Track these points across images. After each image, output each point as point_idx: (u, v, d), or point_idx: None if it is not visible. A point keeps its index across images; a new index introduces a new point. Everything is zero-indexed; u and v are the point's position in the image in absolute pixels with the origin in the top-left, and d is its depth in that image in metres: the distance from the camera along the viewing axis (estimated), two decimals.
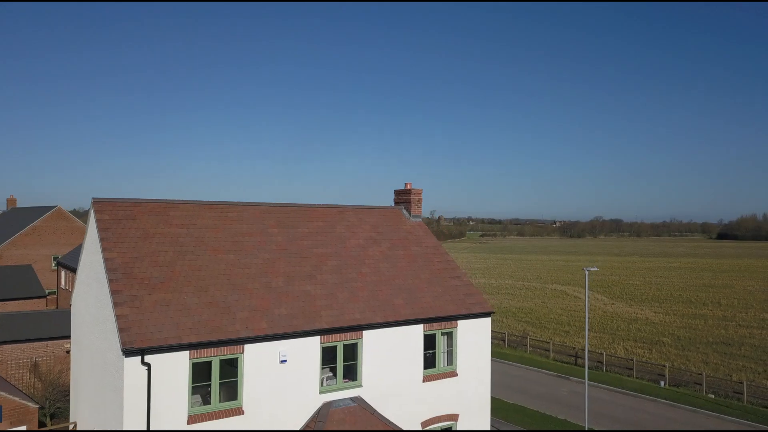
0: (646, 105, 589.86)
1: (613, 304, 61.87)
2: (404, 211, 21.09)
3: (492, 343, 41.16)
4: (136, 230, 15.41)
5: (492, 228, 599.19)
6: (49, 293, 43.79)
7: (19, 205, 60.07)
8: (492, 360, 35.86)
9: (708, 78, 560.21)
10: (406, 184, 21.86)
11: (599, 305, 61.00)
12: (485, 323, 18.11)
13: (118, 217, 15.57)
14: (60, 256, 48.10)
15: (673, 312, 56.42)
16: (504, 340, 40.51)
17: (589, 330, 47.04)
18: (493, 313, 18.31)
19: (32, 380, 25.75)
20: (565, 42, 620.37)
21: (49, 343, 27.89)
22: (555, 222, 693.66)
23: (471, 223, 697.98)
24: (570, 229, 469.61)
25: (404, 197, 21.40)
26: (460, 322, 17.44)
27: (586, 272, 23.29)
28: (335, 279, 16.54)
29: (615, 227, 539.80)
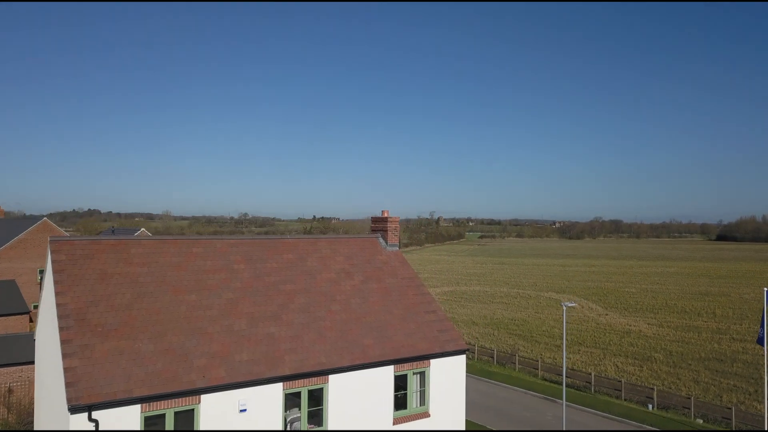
0: (646, 105, 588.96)
1: (607, 314, 61.34)
2: (381, 240, 20.55)
3: (481, 360, 40.77)
4: (93, 271, 14.88)
5: (491, 229, 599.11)
6: (35, 306, 43.30)
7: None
8: (479, 380, 35.51)
9: (708, 78, 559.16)
10: (383, 212, 21.33)
11: (593, 316, 60.48)
12: (459, 361, 17.57)
13: (76, 257, 15.03)
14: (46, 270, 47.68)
15: (667, 324, 55.90)
16: (493, 357, 39.96)
17: (580, 344, 46.59)
18: (468, 350, 17.78)
19: (3, 411, 25.24)
20: (565, 42, 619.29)
21: (24, 367, 27.41)
22: (555, 223, 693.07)
23: (470, 224, 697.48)
24: (569, 230, 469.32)
25: (381, 225, 20.87)
26: (433, 361, 16.90)
27: (564, 308, 22.75)
28: (302, 318, 16.00)
29: (614, 228, 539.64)
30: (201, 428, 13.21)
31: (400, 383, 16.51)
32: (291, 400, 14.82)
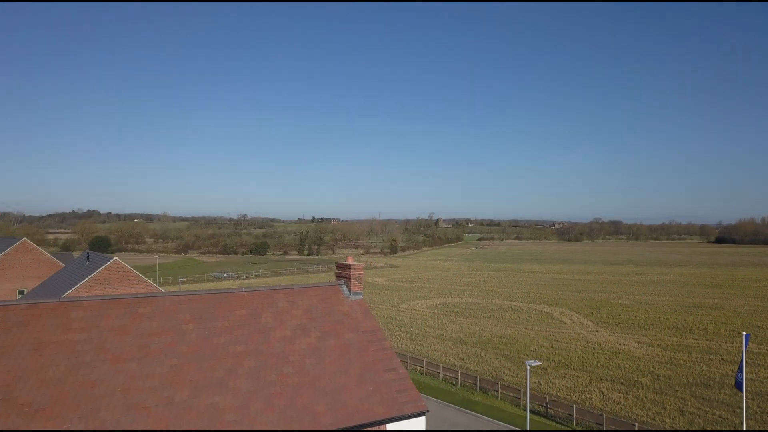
0: (646, 105, 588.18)
1: (597, 331, 60.60)
2: (344, 288, 19.85)
3: (464, 386, 40.05)
4: (27, 340, 14.18)
5: (490, 230, 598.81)
6: None
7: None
8: (458, 410, 34.79)
9: (710, 78, 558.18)
10: (347, 258, 20.68)
11: (583, 333, 59.74)
12: (418, 423, 16.86)
13: (9, 325, 14.34)
14: (26, 290, 46.92)
15: (657, 342, 55.18)
16: (476, 384, 39.22)
17: (567, 367, 45.85)
18: (428, 411, 17.08)
19: None
20: (565, 43, 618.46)
21: None
22: (554, 224, 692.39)
23: (470, 225, 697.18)
24: (568, 232, 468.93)
25: (344, 272, 20.17)
26: (389, 425, 16.21)
27: (528, 367, 22.11)
28: (250, 385, 15.29)
29: (614, 230, 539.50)
30: None
31: None
32: None
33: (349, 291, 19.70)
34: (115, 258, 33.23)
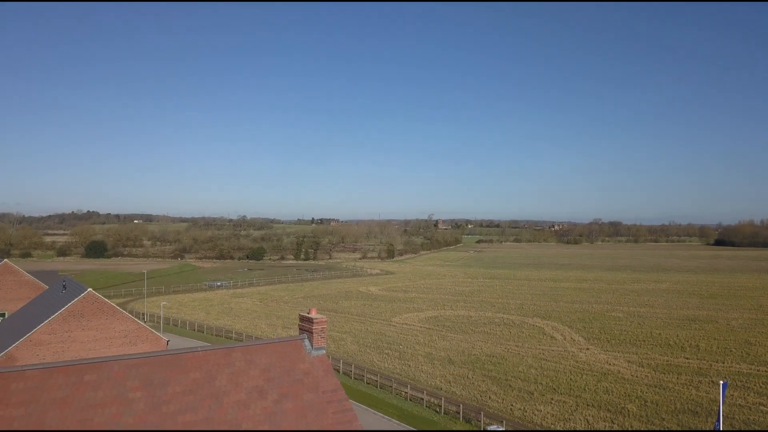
0: (646, 106, 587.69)
1: (588, 349, 60.05)
2: (306, 343, 19.25)
3: (447, 414, 39.50)
4: None
5: (489, 232, 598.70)
6: None
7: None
8: None
9: (711, 79, 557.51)
10: (310, 310, 20.09)
11: (574, 351, 59.18)
12: None
13: None
14: (7, 313, 46.42)
15: (647, 361, 54.65)
16: (459, 413, 38.67)
17: (554, 391, 45.29)
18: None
19: None
20: (566, 44, 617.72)
21: None
22: (553, 225, 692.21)
23: (469, 226, 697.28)
24: (567, 234, 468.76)
25: (307, 326, 19.59)
26: None
27: None
28: None
29: (613, 231, 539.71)
30: None
31: None
32: None
33: (312, 346, 19.11)
34: (89, 290, 32.68)
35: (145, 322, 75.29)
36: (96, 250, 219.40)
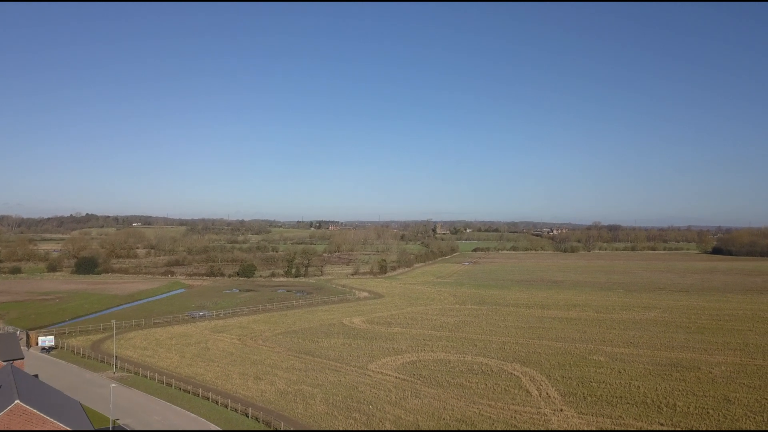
0: (646, 107, 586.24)
1: (561, 410, 58.44)
2: None
3: None
4: None
5: (488, 237, 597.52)
6: None
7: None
8: None
9: (713, 80, 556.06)
10: None
11: (546, 412, 57.61)
12: None
13: None
14: None
15: (621, 424, 53.12)
16: None
17: None
18: None
19: None
20: (566, 46, 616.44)
21: None
22: (552, 230, 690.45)
23: (467, 231, 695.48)
24: (565, 242, 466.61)
25: None
26: None
27: None
28: None
29: (611, 236, 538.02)
30: None
31: None
32: None
33: None
34: (16, 402, 31.10)
35: (114, 372, 73.81)
36: (86, 266, 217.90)
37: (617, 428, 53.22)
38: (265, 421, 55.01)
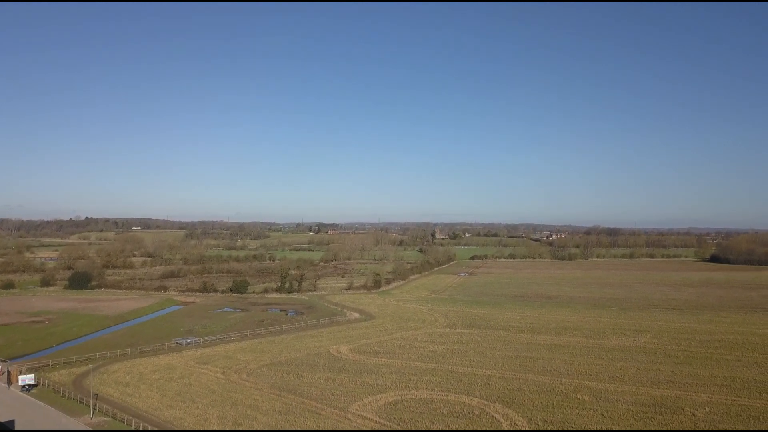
0: (646, 107, 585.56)
1: None
2: None
3: None
4: None
5: (487, 242, 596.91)
6: None
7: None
8: None
9: (714, 81, 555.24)
10: None
11: None
12: None
13: None
14: None
15: None
16: None
17: None
18: None
19: None
20: (566, 47, 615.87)
21: None
22: (551, 234, 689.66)
23: (467, 235, 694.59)
24: (563, 248, 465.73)
25: None
26: None
27: None
28: None
29: (610, 242, 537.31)
30: None
31: None
32: None
33: None
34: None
35: (92, 417, 73.06)
36: (79, 281, 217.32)
37: None
38: None
